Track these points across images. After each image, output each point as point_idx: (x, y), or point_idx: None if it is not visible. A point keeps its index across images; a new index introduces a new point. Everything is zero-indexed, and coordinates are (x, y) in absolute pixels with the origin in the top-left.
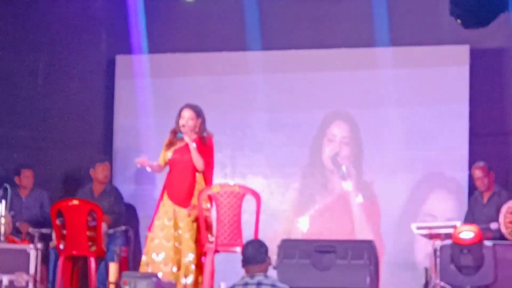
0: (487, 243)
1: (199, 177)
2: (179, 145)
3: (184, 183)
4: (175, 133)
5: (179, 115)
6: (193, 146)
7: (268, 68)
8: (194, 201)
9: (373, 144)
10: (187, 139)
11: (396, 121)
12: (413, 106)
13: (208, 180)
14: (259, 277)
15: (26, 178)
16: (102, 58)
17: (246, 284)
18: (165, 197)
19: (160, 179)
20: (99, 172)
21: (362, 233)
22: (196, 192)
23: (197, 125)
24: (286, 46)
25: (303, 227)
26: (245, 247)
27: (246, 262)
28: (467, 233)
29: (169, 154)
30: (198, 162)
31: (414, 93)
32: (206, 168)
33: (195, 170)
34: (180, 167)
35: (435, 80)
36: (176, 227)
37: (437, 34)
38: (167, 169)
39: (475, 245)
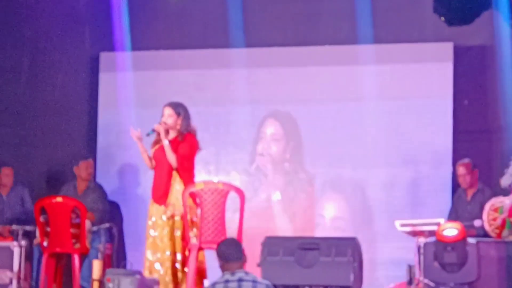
0: (471, 240)
1: (176, 174)
2: (160, 143)
3: (161, 180)
4: (156, 132)
5: (162, 113)
6: (165, 143)
7: (251, 65)
8: (170, 199)
9: (355, 140)
10: (162, 136)
11: (379, 118)
12: (396, 103)
13: (184, 177)
14: (240, 274)
15: (6, 176)
16: (85, 55)
17: (227, 281)
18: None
19: (143, 176)
20: (82, 169)
21: (346, 230)
22: (173, 190)
23: (178, 123)
24: (269, 43)
25: (286, 225)
26: (221, 246)
27: (226, 259)
28: (451, 230)
29: (151, 152)
30: (171, 159)
31: (398, 90)
32: (181, 166)
33: (171, 167)
34: (159, 165)
35: (418, 78)
36: (155, 225)
37: (420, 31)
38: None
39: (459, 243)
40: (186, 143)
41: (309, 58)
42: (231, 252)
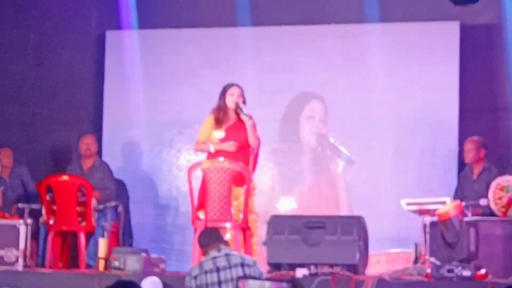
0: (475, 218)
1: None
2: (228, 123)
3: (240, 161)
4: (221, 111)
5: (225, 92)
6: (250, 123)
7: (259, 44)
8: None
9: (363, 120)
10: (245, 118)
11: (385, 97)
12: (403, 82)
13: (256, 158)
14: (226, 250)
15: (6, 157)
16: (92, 33)
17: (215, 257)
18: None
19: (149, 154)
20: (81, 145)
21: (352, 209)
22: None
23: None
24: (276, 21)
25: (292, 203)
26: (202, 235)
27: (207, 244)
28: (445, 207)
29: (221, 133)
30: (255, 139)
31: (405, 69)
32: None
33: (247, 148)
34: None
35: (425, 56)
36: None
37: (427, 10)
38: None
39: (458, 220)
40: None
41: (315, 37)
42: (211, 238)
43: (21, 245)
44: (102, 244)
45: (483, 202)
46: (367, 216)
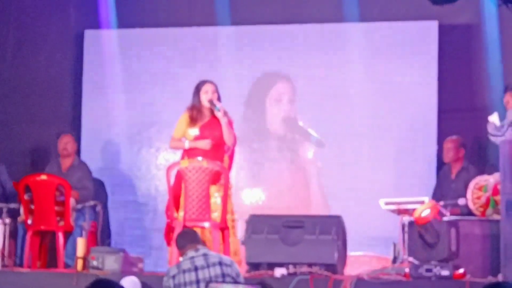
0: (453, 218)
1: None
2: (203, 121)
3: (215, 159)
4: (195, 109)
5: (199, 90)
6: (224, 120)
7: (237, 43)
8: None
9: (341, 119)
10: (219, 114)
11: (364, 96)
12: (381, 81)
13: (232, 156)
14: (204, 250)
15: None
16: (70, 32)
17: (192, 257)
18: None
19: (128, 153)
20: (58, 145)
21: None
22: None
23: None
24: (255, 21)
25: (270, 202)
26: (179, 237)
27: (184, 245)
28: (424, 211)
29: (195, 131)
30: (230, 136)
31: (383, 69)
32: (234, 146)
33: (222, 146)
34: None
35: (403, 56)
36: None
37: (405, 9)
38: None
39: (437, 222)
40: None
41: (294, 36)
42: (188, 238)
43: (0, 244)
44: (81, 244)
45: (461, 201)
46: (345, 216)
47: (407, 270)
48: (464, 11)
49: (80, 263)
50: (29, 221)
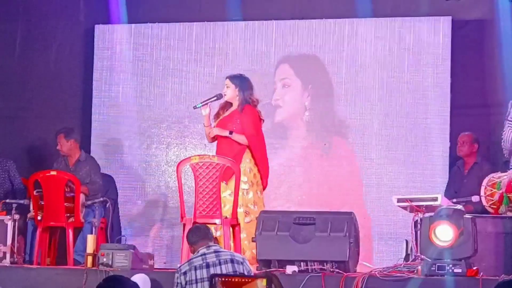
0: (467, 216)
1: (248, 151)
2: (223, 115)
3: (230, 156)
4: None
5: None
6: (230, 136)
7: (249, 39)
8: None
9: (353, 116)
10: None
11: (377, 93)
12: (394, 78)
13: (256, 154)
14: (215, 247)
15: None
16: (80, 27)
17: (204, 254)
18: None
19: (138, 149)
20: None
21: (344, 205)
22: (243, 166)
23: (236, 94)
24: (266, 16)
25: (283, 199)
26: (190, 232)
27: (195, 242)
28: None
29: (213, 127)
30: (242, 141)
31: (396, 65)
32: (251, 143)
33: (240, 146)
34: (223, 142)
35: (417, 52)
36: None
37: (419, 5)
38: None
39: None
40: (247, 117)
41: (306, 32)
42: (200, 235)
43: (9, 240)
44: (90, 240)
45: (475, 199)
46: (357, 213)
47: (419, 267)
48: (477, 6)
49: (89, 260)
50: (39, 217)
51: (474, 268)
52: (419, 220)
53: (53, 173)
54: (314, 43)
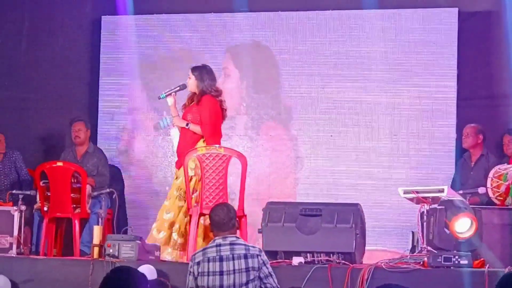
0: (473, 207)
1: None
2: (186, 107)
3: (184, 148)
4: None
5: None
6: (187, 126)
7: (255, 30)
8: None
9: (360, 107)
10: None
11: (383, 84)
12: (400, 70)
13: (209, 143)
14: (231, 238)
15: None
16: (87, 18)
17: (219, 245)
18: None
19: (144, 140)
20: (72, 131)
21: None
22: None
23: (196, 85)
24: (272, 8)
25: (289, 190)
26: (213, 213)
27: (217, 227)
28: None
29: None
30: (197, 131)
31: (402, 56)
32: (205, 132)
33: (197, 135)
34: (183, 132)
35: (423, 43)
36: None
37: None
38: None
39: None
40: (204, 107)
41: (313, 24)
42: (220, 221)
43: (15, 231)
44: (97, 231)
45: (481, 190)
46: (364, 204)
47: (425, 259)
48: None
49: (96, 251)
50: (45, 208)
51: (481, 259)
52: (425, 212)
53: (60, 164)
54: (318, 35)
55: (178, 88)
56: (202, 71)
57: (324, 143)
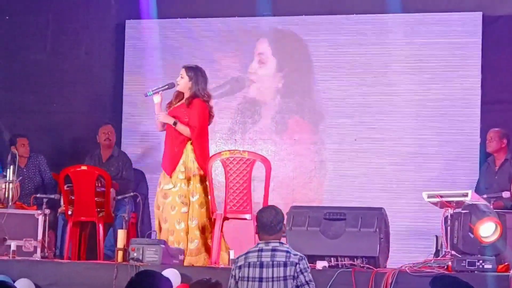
0: (497, 211)
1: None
2: (173, 106)
3: (171, 149)
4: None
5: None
6: (177, 127)
7: (278, 34)
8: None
9: (384, 111)
10: (167, 120)
11: (407, 89)
12: (424, 74)
13: (195, 146)
14: (274, 244)
15: (22, 146)
16: (111, 22)
17: (261, 250)
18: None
19: None
20: (100, 134)
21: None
22: (181, 161)
23: (188, 86)
24: (296, 12)
25: (313, 194)
26: (261, 214)
27: (262, 230)
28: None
29: (161, 112)
30: (185, 133)
31: (426, 60)
32: (192, 135)
33: (183, 137)
34: (170, 131)
35: (447, 48)
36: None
37: (449, 0)
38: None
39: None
40: (194, 111)
41: (336, 28)
42: (265, 224)
43: (39, 235)
44: (121, 235)
45: (505, 194)
46: (388, 208)
47: (449, 263)
48: (508, 1)
49: (120, 255)
50: (69, 212)
51: (505, 264)
52: (449, 216)
53: (84, 167)
54: (342, 39)
55: (167, 86)
56: (198, 74)
57: (348, 147)
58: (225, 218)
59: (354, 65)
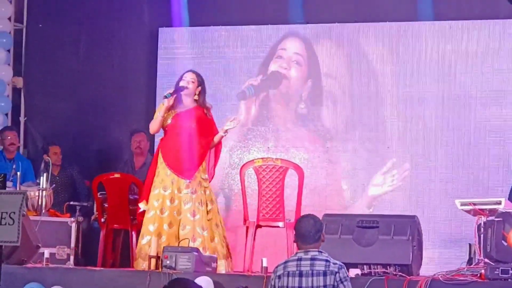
0: None
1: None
2: (180, 109)
3: (187, 152)
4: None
5: (180, 78)
6: (223, 135)
7: (311, 41)
8: (201, 174)
9: (416, 118)
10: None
11: (439, 97)
12: (460, 82)
13: (217, 153)
14: (313, 253)
15: (54, 154)
16: (144, 30)
17: (300, 259)
18: (162, 164)
19: None
20: (132, 142)
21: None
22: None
23: (196, 92)
24: (328, 19)
25: (346, 202)
26: (299, 224)
27: (302, 239)
28: None
29: (168, 119)
30: (217, 140)
31: (456, 67)
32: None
33: (201, 140)
34: (182, 133)
35: (481, 56)
36: (173, 197)
37: (481, 8)
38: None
39: None
40: (213, 123)
41: (367, 36)
42: (304, 233)
43: (72, 242)
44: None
45: None
46: (421, 216)
47: (482, 271)
48: None
49: (153, 262)
50: (103, 220)
51: None
52: (482, 224)
53: (117, 175)
54: (373, 47)
55: (181, 90)
56: (204, 85)
57: (381, 155)
58: (258, 226)
59: (384, 72)
